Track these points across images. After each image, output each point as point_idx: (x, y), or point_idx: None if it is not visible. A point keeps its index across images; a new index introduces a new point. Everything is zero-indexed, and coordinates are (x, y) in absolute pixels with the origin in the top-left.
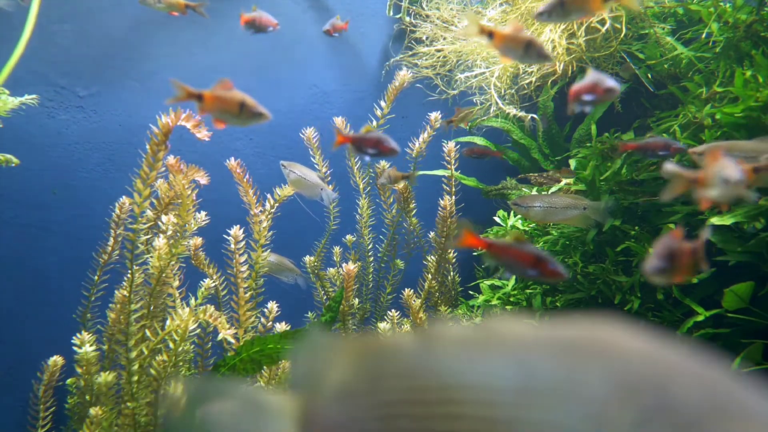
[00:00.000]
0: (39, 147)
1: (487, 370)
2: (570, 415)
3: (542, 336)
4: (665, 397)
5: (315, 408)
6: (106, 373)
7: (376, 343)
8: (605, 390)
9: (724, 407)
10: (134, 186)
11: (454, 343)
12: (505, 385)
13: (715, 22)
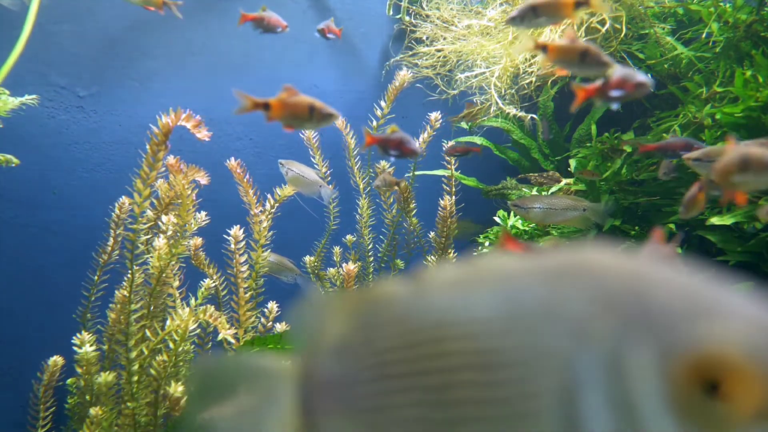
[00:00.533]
0: (39, 147)
1: (474, 304)
2: (554, 334)
3: (527, 265)
4: (644, 305)
5: (312, 366)
6: (106, 373)
7: (370, 294)
8: (586, 306)
9: (703, 308)
10: (134, 186)
11: (444, 283)
12: (491, 315)
13: (715, 22)
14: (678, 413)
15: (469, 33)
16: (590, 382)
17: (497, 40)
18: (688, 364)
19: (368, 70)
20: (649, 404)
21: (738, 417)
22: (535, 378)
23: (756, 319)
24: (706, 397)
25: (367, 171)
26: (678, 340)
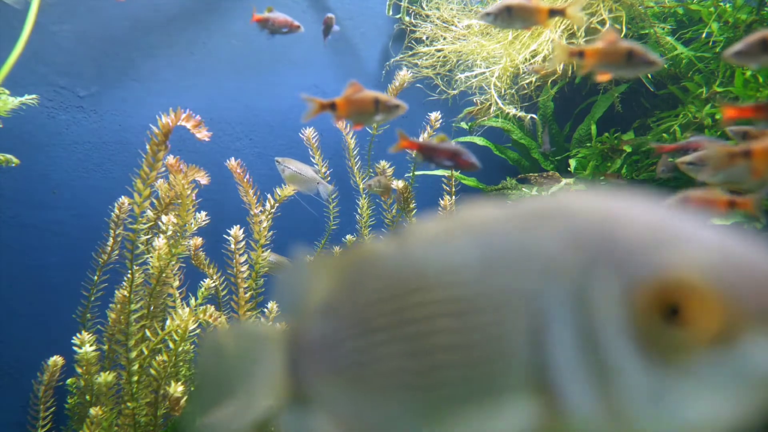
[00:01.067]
0: (39, 147)
1: (450, 253)
2: (525, 275)
3: (502, 212)
4: (610, 240)
5: (300, 328)
6: (106, 373)
7: (354, 254)
8: (555, 245)
9: (665, 238)
10: (134, 186)
11: (424, 236)
12: (466, 262)
13: (715, 22)
14: (639, 342)
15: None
16: (558, 318)
17: (497, 40)
18: (648, 291)
19: (368, 70)
20: (613, 335)
21: (696, 341)
22: (506, 319)
23: (716, 245)
24: (666, 323)
25: (367, 171)
26: (639, 269)
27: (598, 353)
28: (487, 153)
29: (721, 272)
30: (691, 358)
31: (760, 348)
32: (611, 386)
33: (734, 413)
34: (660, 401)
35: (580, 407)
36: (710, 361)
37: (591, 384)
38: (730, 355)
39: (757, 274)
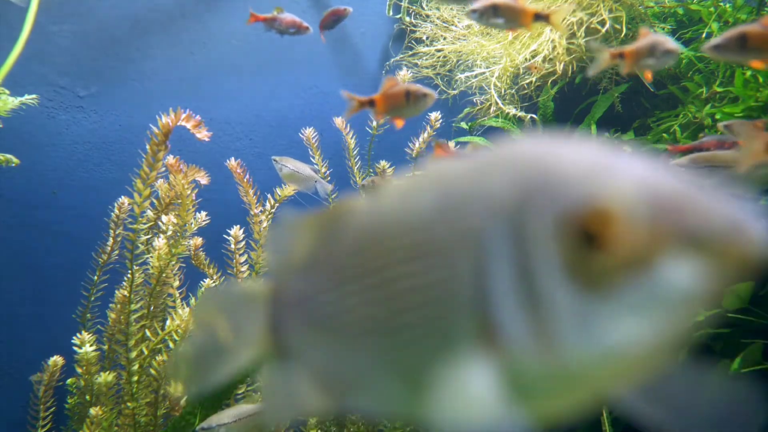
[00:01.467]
0: (39, 147)
1: (410, 202)
2: (473, 215)
3: (463, 163)
4: (544, 175)
5: (281, 285)
6: (106, 373)
7: (332, 212)
8: (500, 186)
9: (593, 172)
10: (134, 186)
11: (393, 191)
12: (423, 210)
13: (715, 22)
14: (567, 270)
15: (469, 33)
16: (498, 253)
17: (497, 40)
18: (572, 219)
19: (368, 70)
20: (544, 265)
21: (616, 266)
22: (455, 259)
23: (638, 175)
24: (589, 250)
25: (367, 171)
26: (565, 201)
27: (532, 284)
28: None
29: (639, 199)
30: (612, 283)
31: (676, 269)
32: (544, 316)
33: (654, 334)
34: (586, 327)
35: (517, 339)
36: (630, 285)
37: (526, 316)
38: (648, 278)
39: (673, 199)
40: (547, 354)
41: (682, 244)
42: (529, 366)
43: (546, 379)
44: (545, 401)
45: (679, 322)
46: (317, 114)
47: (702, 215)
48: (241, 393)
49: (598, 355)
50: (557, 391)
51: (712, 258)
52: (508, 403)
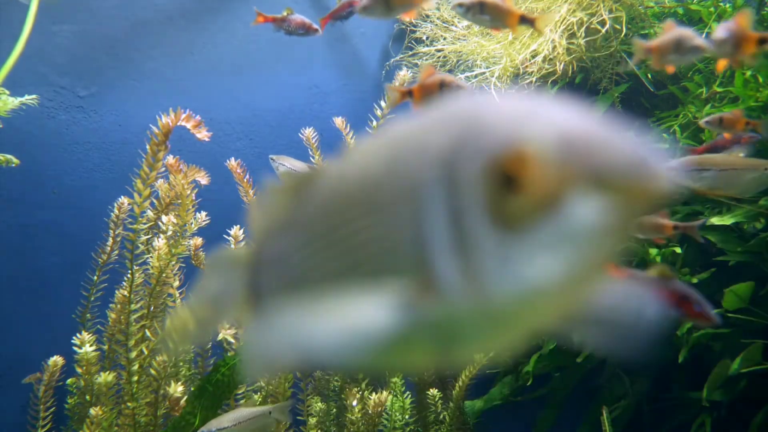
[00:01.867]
0: (39, 147)
1: (368, 162)
2: (415, 166)
3: (413, 120)
4: (475, 125)
5: (259, 249)
6: (106, 373)
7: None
8: (437, 136)
9: (516, 120)
10: (134, 186)
11: (355, 154)
12: (377, 164)
13: (715, 22)
14: (490, 212)
15: (469, 33)
16: (434, 200)
17: (497, 40)
18: (494, 163)
19: (368, 70)
20: (471, 208)
21: (531, 206)
22: (401, 211)
23: (557, 120)
24: (508, 192)
25: None
26: (490, 146)
27: (462, 228)
28: None
29: (550, 141)
30: (529, 222)
31: (584, 206)
32: (471, 258)
33: (568, 269)
34: (508, 266)
35: (449, 282)
36: (544, 223)
37: (457, 259)
38: (559, 216)
39: (582, 141)
40: (476, 294)
41: (589, 182)
42: (461, 308)
43: (477, 319)
44: (479, 342)
45: (591, 256)
46: (317, 114)
47: (608, 155)
48: (241, 393)
49: (519, 292)
50: (489, 331)
51: (618, 194)
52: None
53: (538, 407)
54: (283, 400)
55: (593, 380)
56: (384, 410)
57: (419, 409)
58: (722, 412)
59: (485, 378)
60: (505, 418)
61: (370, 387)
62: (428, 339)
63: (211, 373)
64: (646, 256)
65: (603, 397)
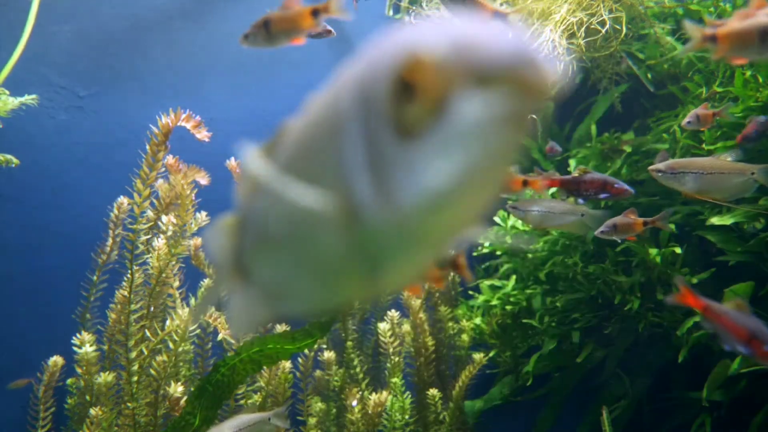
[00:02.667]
0: (39, 147)
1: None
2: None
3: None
4: (385, 47)
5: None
6: (106, 374)
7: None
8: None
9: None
10: (134, 186)
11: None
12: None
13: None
14: (393, 124)
15: None
16: (354, 126)
17: None
18: (394, 73)
19: None
20: (380, 123)
21: (425, 112)
22: (331, 140)
23: (447, 28)
24: (406, 102)
25: None
26: (392, 60)
27: (373, 144)
28: None
29: (440, 45)
30: (425, 128)
31: (471, 103)
32: (382, 172)
33: (464, 170)
34: (411, 175)
35: (365, 202)
36: (438, 127)
37: (370, 175)
38: (450, 116)
39: (468, 42)
40: (389, 208)
41: (473, 78)
42: (379, 224)
43: (395, 235)
44: (402, 261)
45: (485, 154)
46: None
47: (489, 51)
48: (241, 393)
49: (425, 199)
50: (408, 247)
51: (502, 87)
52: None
53: (538, 407)
54: (282, 400)
55: (593, 380)
56: (384, 410)
57: (419, 409)
58: (722, 412)
59: (485, 378)
60: (505, 418)
61: (370, 387)
62: (358, 261)
63: (211, 373)
64: (646, 256)
65: (603, 397)
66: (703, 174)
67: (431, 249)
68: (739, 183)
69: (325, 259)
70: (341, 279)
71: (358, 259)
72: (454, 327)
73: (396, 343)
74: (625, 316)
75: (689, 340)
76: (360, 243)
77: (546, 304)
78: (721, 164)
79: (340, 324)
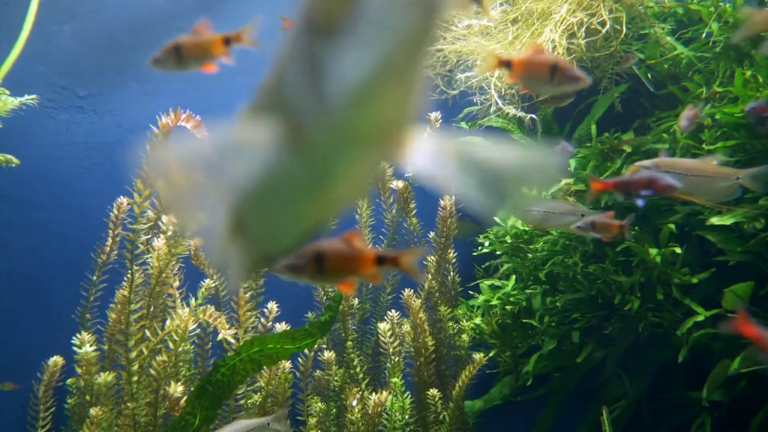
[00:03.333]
0: (39, 147)
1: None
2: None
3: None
4: None
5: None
6: (106, 374)
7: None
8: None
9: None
10: (134, 186)
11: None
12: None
13: (715, 21)
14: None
15: (469, 33)
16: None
17: (497, 40)
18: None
19: None
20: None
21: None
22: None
23: None
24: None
25: None
26: None
27: (305, 51)
28: None
29: None
30: (341, 22)
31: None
32: (314, 75)
33: (376, 58)
34: (336, 73)
35: (304, 106)
36: (351, 19)
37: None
38: (359, 6)
39: None
40: (323, 109)
41: None
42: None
43: (333, 138)
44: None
45: (398, 41)
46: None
47: None
48: (241, 393)
49: (350, 92)
50: (346, 148)
51: None
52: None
53: (538, 407)
54: (282, 400)
55: (593, 380)
56: (384, 410)
57: (419, 409)
58: (722, 412)
59: (485, 378)
60: (505, 418)
61: (370, 387)
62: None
63: (211, 373)
64: (646, 256)
65: (603, 397)
66: (687, 175)
67: (369, 148)
68: (724, 187)
69: (287, 186)
70: (303, 201)
71: (310, 173)
72: (454, 327)
73: (396, 343)
74: (625, 316)
75: (689, 340)
76: (308, 156)
77: (546, 304)
78: (706, 167)
79: (340, 324)
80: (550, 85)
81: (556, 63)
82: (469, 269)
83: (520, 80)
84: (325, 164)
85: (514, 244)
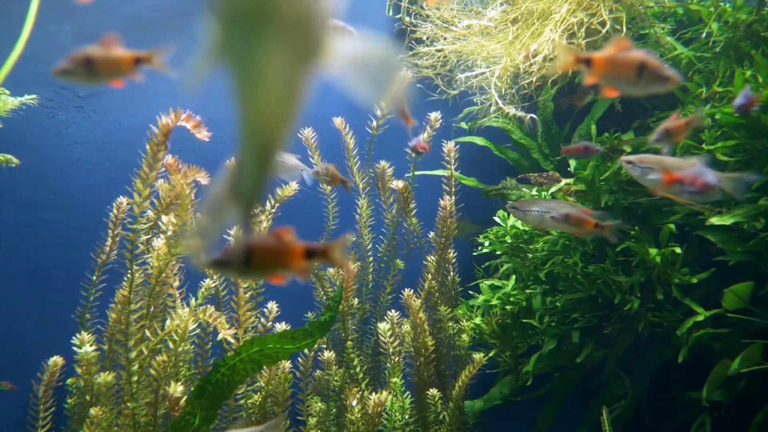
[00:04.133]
0: (39, 147)
1: None
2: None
3: None
4: None
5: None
6: (105, 374)
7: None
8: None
9: None
10: (134, 186)
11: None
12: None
13: (715, 22)
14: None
15: (469, 33)
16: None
17: (497, 40)
18: None
19: None
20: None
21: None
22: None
23: None
24: None
25: (367, 171)
26: None
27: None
28: (487, 153)
29: None
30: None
31: None
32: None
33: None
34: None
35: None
36: None
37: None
38: None
39: None
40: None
41: None
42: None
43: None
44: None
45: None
46: (316, 114)
47: None
48: (241, 393)
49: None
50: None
51: None
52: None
53: (538, 407)
54: (282, 400)
55: (593, 380)
56: (384, 410)
57: (419, 409)
58: (722, 412)
59: (485, 378)
60: (505, 418)
61: (370, 387)
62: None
63: (211, 373)
64: (646, 256)
65: (603, 397)
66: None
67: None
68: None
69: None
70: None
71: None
72: (454, 327)
73: (396, 343)
74: (625, 316)
75: (689, 340)
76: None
77: (546, 304)
78: (687, 167)
79: (340, 324)
80: (636, 86)
81: (645, 61)
82: (469, 269)
83: (601, 80)
84: (241, 61)
85: (514, 244)
